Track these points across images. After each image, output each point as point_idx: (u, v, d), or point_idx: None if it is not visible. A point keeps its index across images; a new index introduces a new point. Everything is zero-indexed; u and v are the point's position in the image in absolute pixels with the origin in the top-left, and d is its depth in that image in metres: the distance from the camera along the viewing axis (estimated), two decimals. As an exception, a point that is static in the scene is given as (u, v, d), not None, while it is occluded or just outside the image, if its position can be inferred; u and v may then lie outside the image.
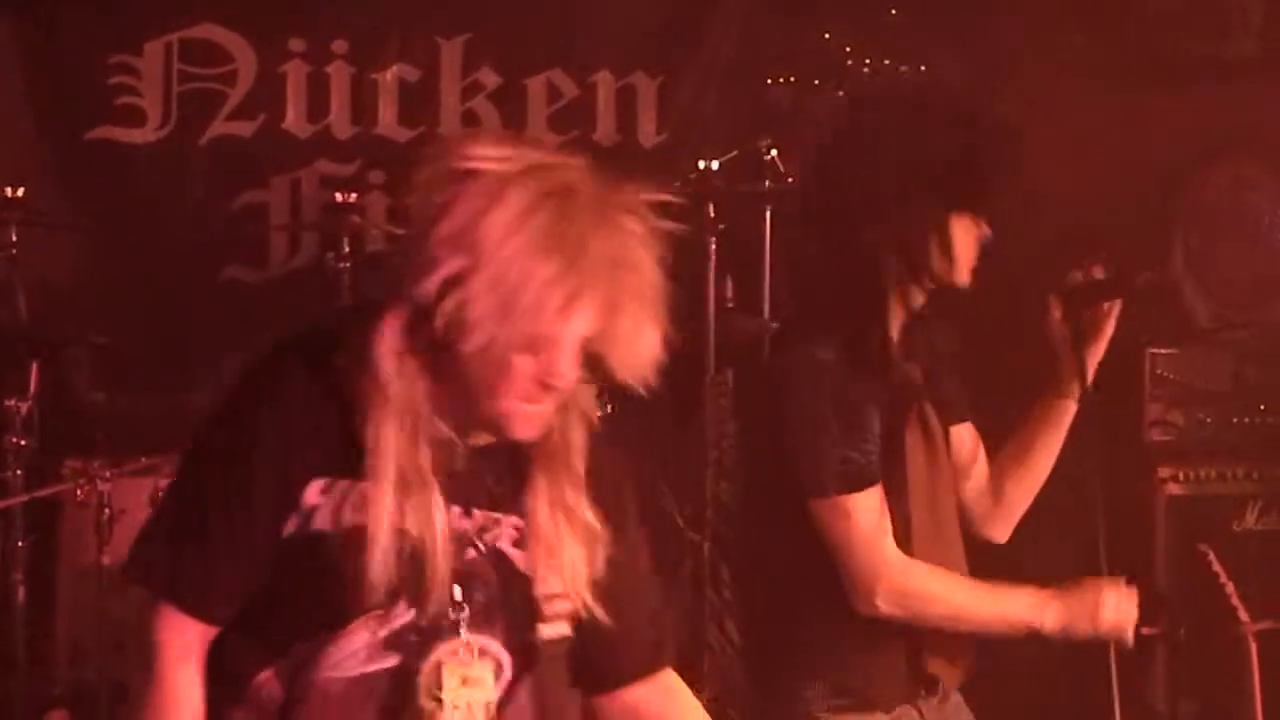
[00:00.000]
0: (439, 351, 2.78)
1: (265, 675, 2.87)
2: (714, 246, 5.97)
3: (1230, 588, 4.73)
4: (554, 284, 2.71)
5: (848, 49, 7.44)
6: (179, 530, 2.88)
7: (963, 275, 3.86)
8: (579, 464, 2.98)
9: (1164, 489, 5.72)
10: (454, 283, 2.71)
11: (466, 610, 2.88)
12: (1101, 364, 4.05)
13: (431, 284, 2.72)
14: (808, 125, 7.18)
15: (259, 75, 7.10)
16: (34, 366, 5.90)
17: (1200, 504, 5.74)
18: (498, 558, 2.93)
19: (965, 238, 3.85)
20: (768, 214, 6.20)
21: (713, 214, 5.98)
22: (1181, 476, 5.77)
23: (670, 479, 6.22)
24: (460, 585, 2.88)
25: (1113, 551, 3.90)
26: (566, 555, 2.93)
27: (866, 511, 3.77)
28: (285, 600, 2.85)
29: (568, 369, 2.80)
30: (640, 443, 6.02)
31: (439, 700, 2.89)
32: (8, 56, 6.88)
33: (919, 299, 3.89)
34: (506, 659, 2.97)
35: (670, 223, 2.84)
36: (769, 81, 7.46)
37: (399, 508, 2.79)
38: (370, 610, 2.83)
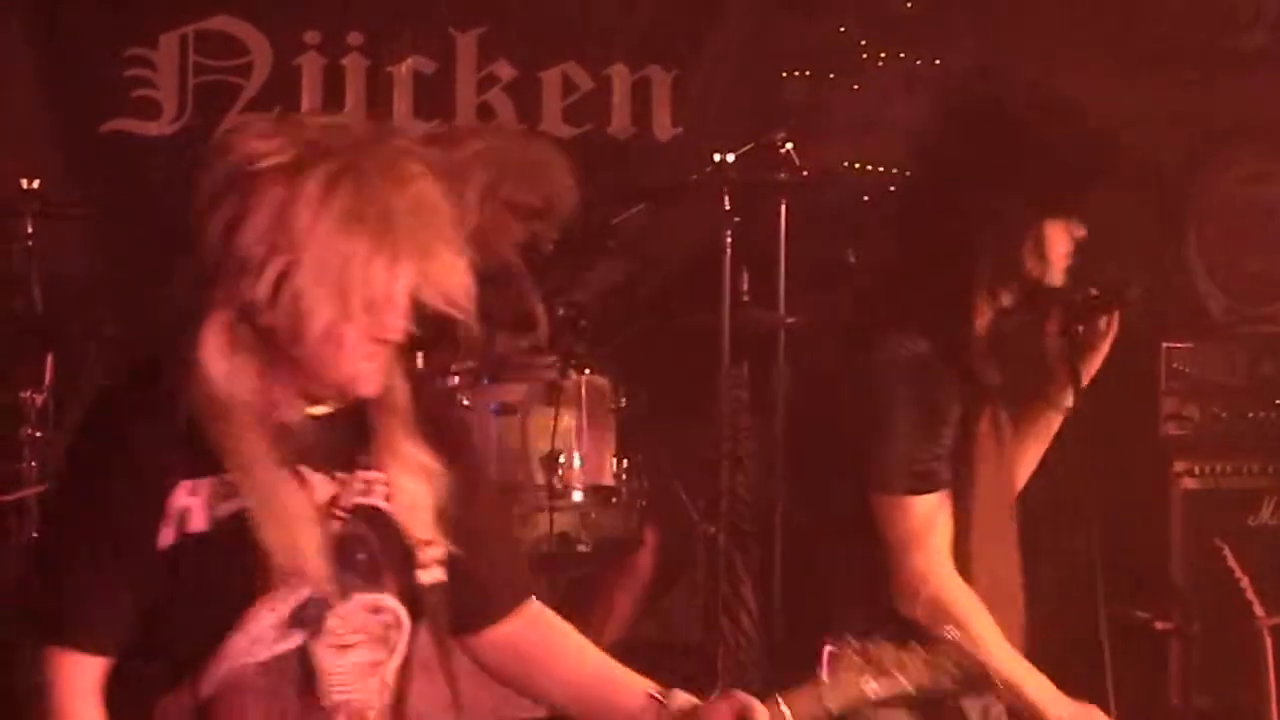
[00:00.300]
0: (269, 338, 2.91)
1: (169, 689, 2.92)
2: (729, 239, 5.97)
3: (1245, 582, 4.74)
4: (374, 255, 2.86)
5: (863, 42, 7.43)
6: (54, 570, 2.94)
7: (1056, 277, 3.88)
8: (407, 409, 3.10)
9: (1179, 483, 5.72)
10: (281, 280, 2.85)
11: (334, 581, 2.97)
12: (1116, 359, 4.05)
13: (263, 286, 2.85)
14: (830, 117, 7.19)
15: (274, 67, 7.10)
16: (49, 358, 5.91)
17: (1215, 498, 5.74)
18: (371, 514, 3.04)
19: (1060, 240, 3.87)
20: (783, 207, 6.19)
21: (728, 207, 5.98)
22: (1197, 471, 5.77)
23: (684, 472, 6.23)
24: (341, 548, 2.99)
25: (1127, 545, 3.90)
26: (409, 494, 3.06)
27: (927, 516, 3.81)
28: (183, 608, 2.90)
29: (400, 322, 2.96)
30: (654, 435, 6.07)
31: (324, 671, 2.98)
32: (23, 50, 6.88)
33: (1007, 299, 3.91)
34: (403, 611, 3.07)
35: (438, 150, 3.12)
36: (784, 74, 7.45)
37: (264, 490, 2.89)
38: (268, 592, 2.91)
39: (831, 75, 7.43)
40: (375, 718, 3.06)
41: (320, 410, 3.03)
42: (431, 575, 3.09)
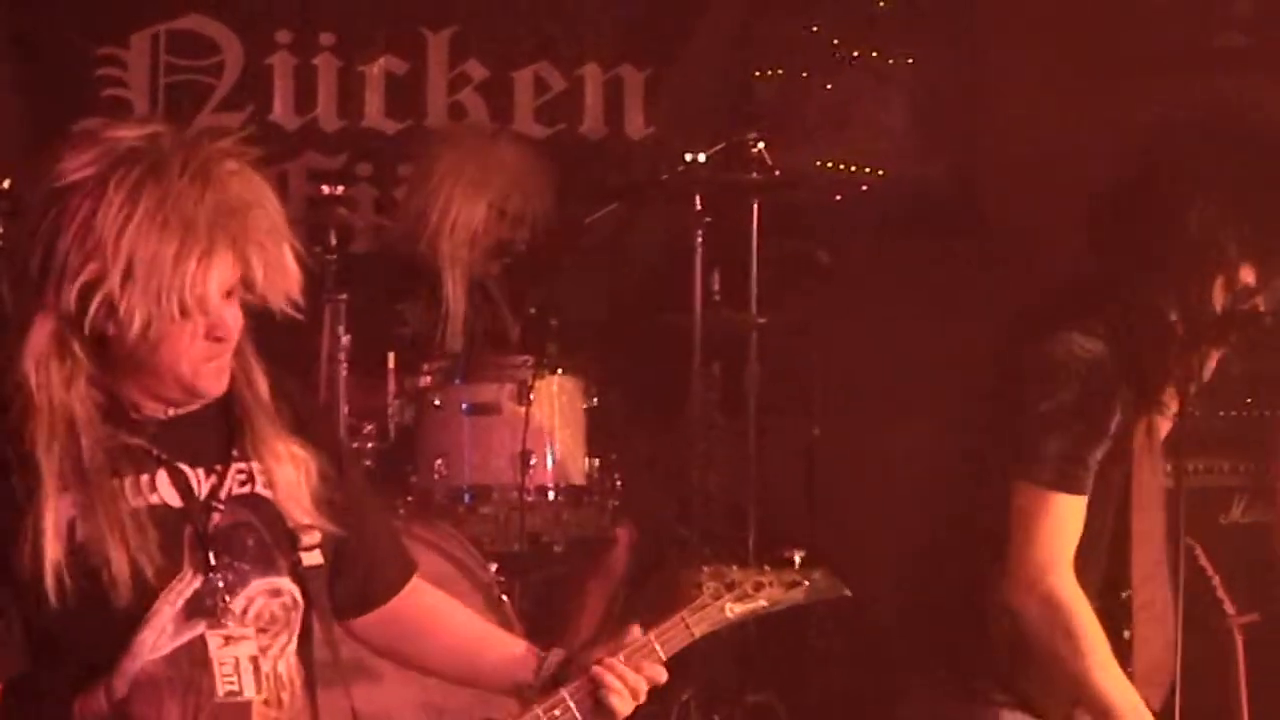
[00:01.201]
0: (99, 345, 2.99)
1: (82, 696, 3.00)
2: (701, 239, 5.97)
3: (1216, 581, 4.75)
4: (183, 256, 2.92)
5: (835, 41, 7.43)
6: None
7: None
8: (269, 402, 3.18)
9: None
10: (93, 286, 2.92)
11: (224, 571, 3.07)
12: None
13: (71, 293, 2.92)
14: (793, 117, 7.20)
15: (246, 67, 7.09)
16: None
17: (1186, 497, 5.74)
18: (254, 502, 3.14)
19: (1248, 282, 3.93)
20: (755, 206, 6.19)
21: (700, 206, 5.98)
22: (1168, 469, 5.77)
23: (656, 472, 6.23)
24: (230, 537, 3.09)
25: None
26: (285, 481, 3.15)
27: (1066, 517, 3.84)
28: (83, 615, 2.97)
29: (230, 319, 3.03)
30: (626, 435, 6.06)
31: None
32: (-6, 48, 6.87)
33: (1180, 323, 3.95)
34: (297, 591, 3.18)
35: (253, 149, 3.10)
36: (756, 74, 7.45)
37: (92, 500, 2.96)
38: (163, 587, 3.00)
39: (804, 74, 7.43)
40: (286, 700, 3.14)
41: (186, 407, 3.11)
42: (313, 558, 3.18)
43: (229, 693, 3.05)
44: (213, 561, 3.07)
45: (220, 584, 3.07)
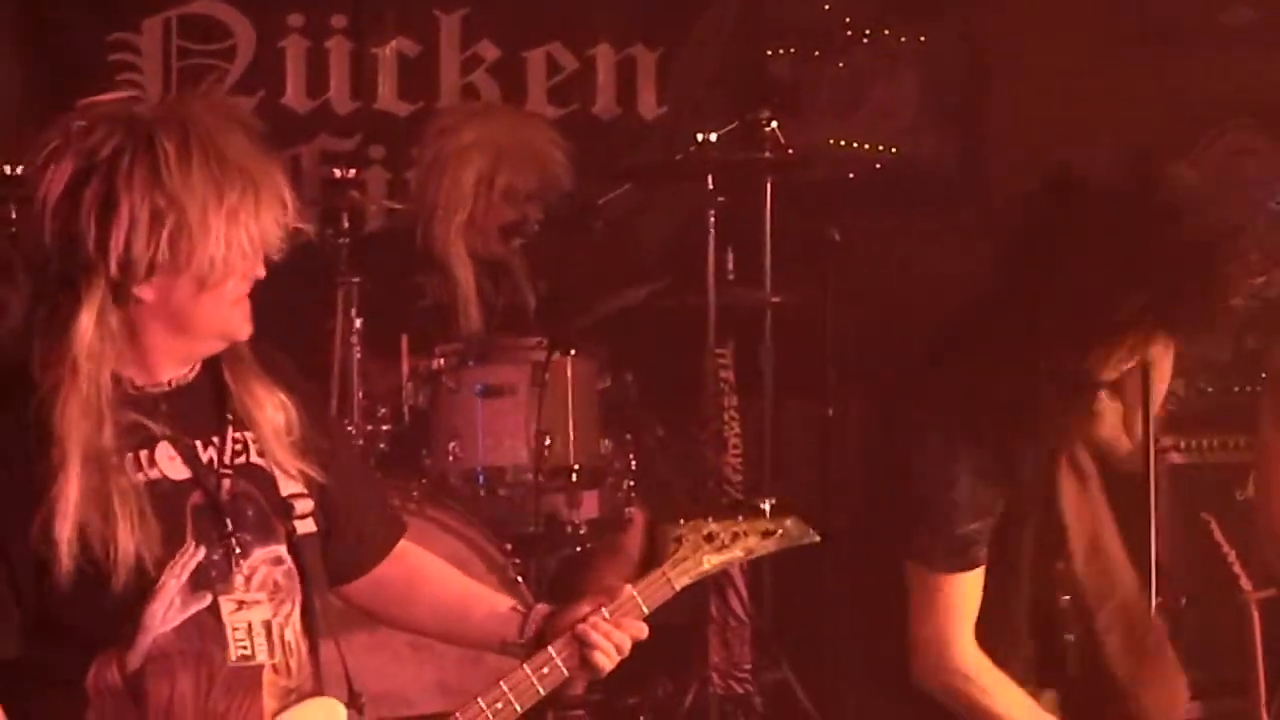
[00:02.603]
0: (138, 313, 3.05)
1: (96, 670, 3.04)
2: (714, 219, 5.96)
3: (1232, 556, 4.74)
4: (244, 197, 3.04)
5: (847, 19, 7.42)
6: None
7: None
8: (250, 355, 3.24)
9: (1166, 458, 5.72)
10: (175, 239, 3.00)
11: (234, 538, 3.12)
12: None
13: (161, 249, 2.99)
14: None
15: (258, 51, 7.09)
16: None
17: (1202, 473, 5.74)
18: (250, 471, 3.20)
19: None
20: (768, 185, 6.18)
21: (712, 186, 5.98)
22: (1183, 445, 5.77)
23: (671, 452, 6.23)
24: (232, 507, 3.14)
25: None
26: (268, 424, 3.21)
27: (961, 594, 3.85)
28: (92, 589, 3.00)
29: (262, 260, 3.12)
30: (640, 415, 6.07)
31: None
32: (6, 34, 6.86)
33: None
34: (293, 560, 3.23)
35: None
36: (769, 52, 7.45)
37: (93, 475, 3.00)
38: (168, 560, 3.05)
39: (816, 53, 7.42)
40: (295, 666, 3.18)
41: (179, 380, 3.17)
42: (306, 526, 3.23)
43: (241, 656, 3.11)
44: (229, 527, 3.12)
45: (234, 551, 3.12)
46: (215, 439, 3.18)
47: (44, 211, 3.06)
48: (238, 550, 3.13)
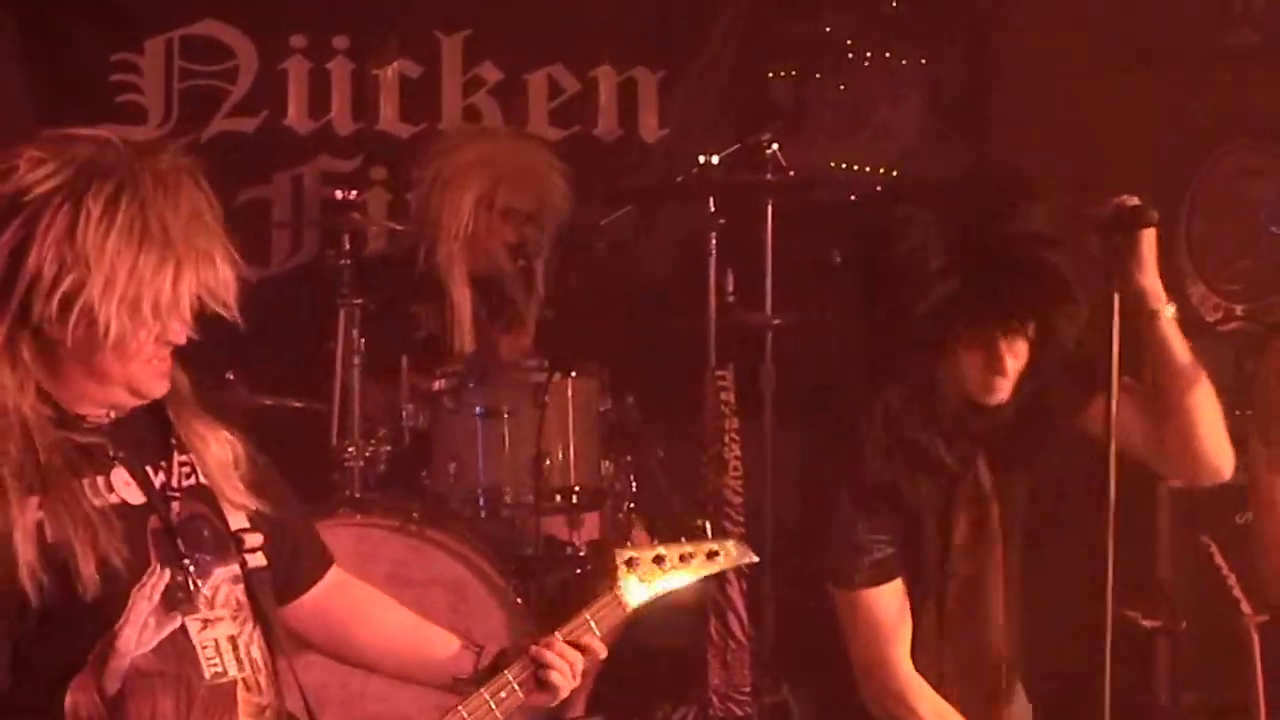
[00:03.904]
0: (53, 350, 3.07)
1: (73, 696, 3.05)
2: (715, 241, 5.97)
3: (1233, 579, 4.73)
4: (161, 266, 3.05)
5: (849, 41, 7.43)
6: None
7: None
8: (192, 397, 3.30)
9: (1166, 481, 5.70)
10: (72, 297, 3.01)
11: (191, 560, 3.17)
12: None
13: (52, 302, 3.01)
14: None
15: (260, 72, 7.10)
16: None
17: (1202, 496, 5.73)
18: (200, 492, 3.25)
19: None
20: (769, 208, 6.18)
21: (714, 208, 5.98)
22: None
23: (671, 474, 6.22)
24: (188, 529, 3.18)
25: (1116, 545, 3.90)
26: (214, 461, 3.27)
27: (883, 606, 3.97)
28: (65, 612, 3.03)
29: (185, 326, 3.14)
30: (641, 437, 6.06)
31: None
32: (8, 54, 6.87)
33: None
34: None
35: (189, 157, 3.18)
36: (770, 74, 7.46)
37: (54, 500, 3.03)
38: (134, 583, 3.09)
39: (818, 75, 7.43)
40: (263, 683, 3.23)
41: (126, 408, 3.19)
42: (256, 560, 3.29)
43: (215, 674, 3.15)
44: (182, 549, 3.16)
45: (191, 571, 3.16)
46: (163, 463, 3.23)
47: None
48: (193, 570, 3.17)
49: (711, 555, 3.66)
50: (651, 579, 3.58)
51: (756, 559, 3.74)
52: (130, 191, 3.05)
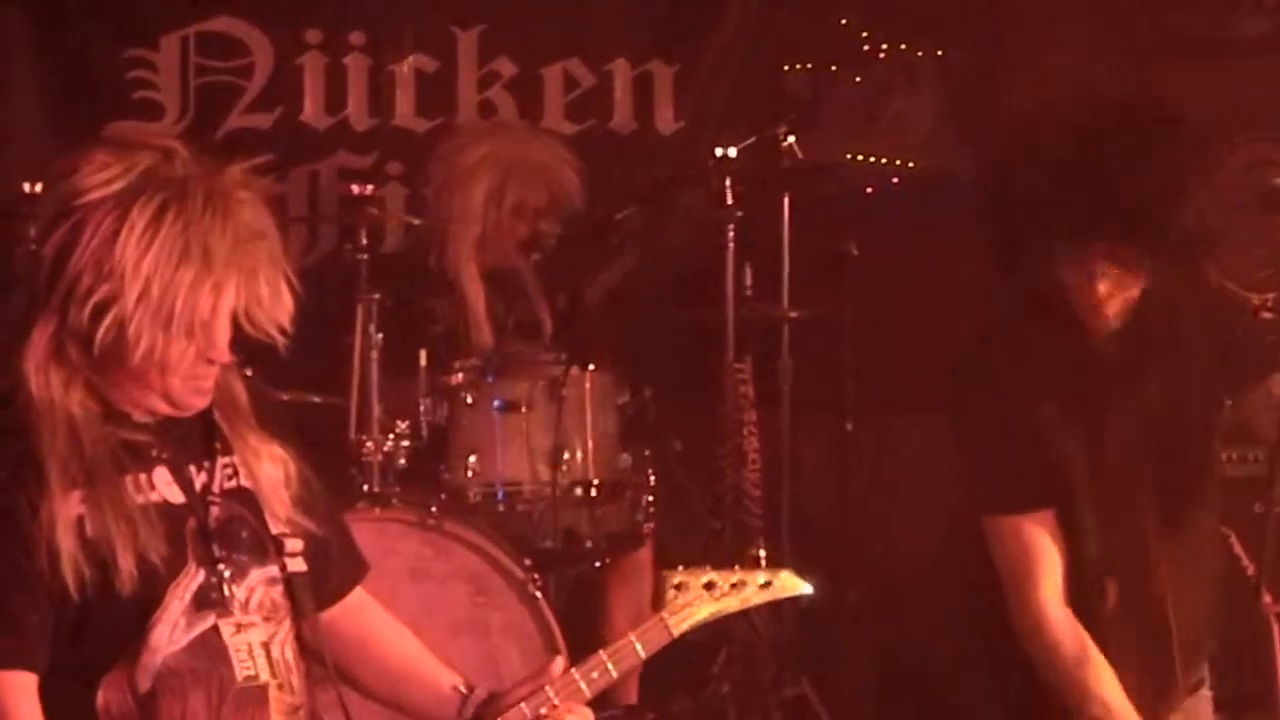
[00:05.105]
0: (94, 353, 3.07)
1: (105, 694, 3.06)
2: (732, 234, 5.97)
3: (1252, 570, 4.73)
4: (197, 285, 3.04)
5: (864, 33, 7.42)
6: None
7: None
8: (248, 408, 3.30)
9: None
10: (105, 306, 3.01)
11: (225, 563, 3.17)
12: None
13: (84, 310, 3.02)
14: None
15: (276, 67, 7.11)
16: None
17: (1222, 486, 5.72)
18: (243, 496, 3.26)
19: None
20: (786, 200, 6.19)
21: (730, 201, 5.98)
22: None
23: (689, 467, 6.23)
24: (226, 530, 3.19)
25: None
26: (265, 476, 3.27)
27: (1031, 538, 3.95)
28: (100, 609, 3.04)
29: (225, 345, 3.13)
30: (659, 430, 6.07)
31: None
32: (24, 52, 6.88)
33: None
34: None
35: (268, 180, 3.22)
36: (785, 67, 7.45)
37: (99, 496, 3.04)
38: (170, 581, 3.09)
39: (833, 67, 7.42)
40: (296, 684, 3.23)
41: (170, 411, 3.18)
42: (297, 565, 3.28)
43: (247, 677, 3.16)
44: (217, 553, 3.16)
45: (225, 575, 3.17)
46: (206, 464, 3.23)
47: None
48: (228, 574, 3.17)
49: (765, 585, 3.62)
50: (700, 605, 3.54)
51: (810, 590, 3.69)
52: (176, 208, 3.04)
